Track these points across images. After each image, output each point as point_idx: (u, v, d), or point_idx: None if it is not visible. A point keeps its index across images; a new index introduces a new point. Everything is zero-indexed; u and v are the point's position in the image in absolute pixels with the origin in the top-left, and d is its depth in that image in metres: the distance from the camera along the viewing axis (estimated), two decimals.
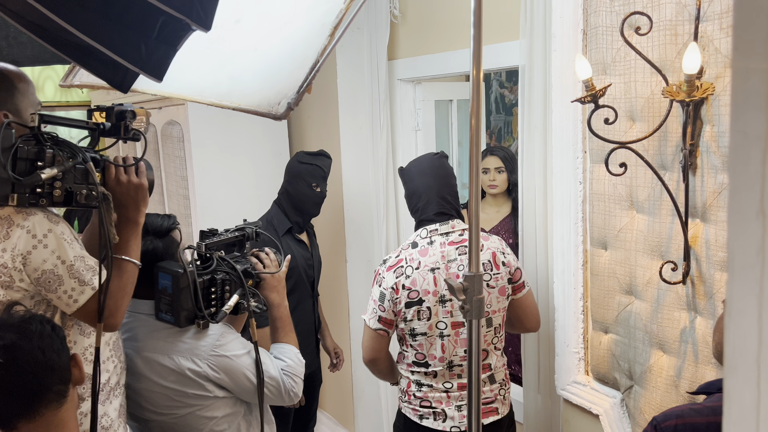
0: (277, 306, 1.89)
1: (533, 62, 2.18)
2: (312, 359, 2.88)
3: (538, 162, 2.24)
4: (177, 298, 1.63)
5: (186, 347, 1.71)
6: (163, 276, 1.65)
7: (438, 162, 2.17)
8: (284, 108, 1.37)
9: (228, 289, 1.74)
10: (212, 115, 3.35)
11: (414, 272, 2.04)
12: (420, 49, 2.87)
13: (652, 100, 1.75)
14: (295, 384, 1.82)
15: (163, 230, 1.77)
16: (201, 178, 3.37)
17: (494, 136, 4.46)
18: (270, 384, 1.76)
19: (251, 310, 1.75)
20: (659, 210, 1.78)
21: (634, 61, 1.78)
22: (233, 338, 1.77)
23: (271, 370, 1.77)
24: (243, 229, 1.89)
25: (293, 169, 2.81)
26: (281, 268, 1.93)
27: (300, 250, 2.78)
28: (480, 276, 1.37)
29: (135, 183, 1.62)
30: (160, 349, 1.72)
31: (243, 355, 1.74)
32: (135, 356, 1.74)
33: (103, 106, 1.62)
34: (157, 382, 1.72)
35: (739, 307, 0.44)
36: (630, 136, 1.79)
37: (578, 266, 2.10)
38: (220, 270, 1.74)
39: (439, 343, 2.05)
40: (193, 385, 1.70)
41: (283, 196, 2.82)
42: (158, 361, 1.71)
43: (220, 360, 1.71)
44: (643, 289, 1.87)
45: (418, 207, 2.14)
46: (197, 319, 1.68)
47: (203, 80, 1.62)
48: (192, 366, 1.70)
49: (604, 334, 2.04)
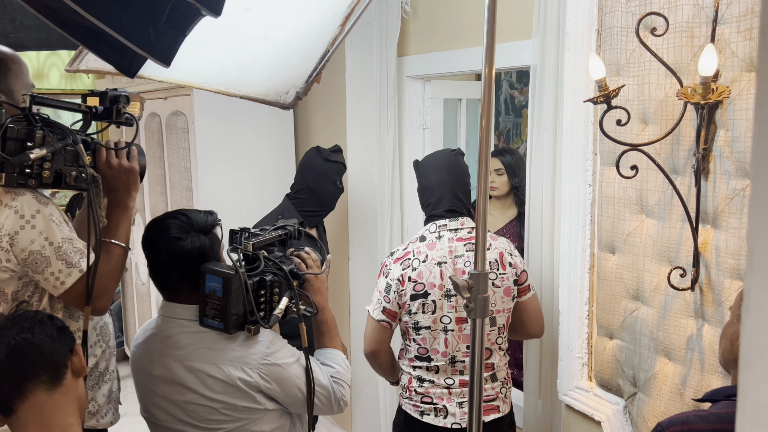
0: (322, 309, 1.79)
1: (545, 62, 2.18)
2: None
3: (546, 163, 2.23)
4: (227, 302, 1.52)
5: (236, 355, 1.59)
6: (211, 278, 1.53)
7: (454, 159, 2.18)
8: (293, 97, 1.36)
9: (277, 291, 1.63)
10: (218, 106, 3.35)
11: (421, 265, 2.05)
12: (430, 46, 2.86)
13: (666, 103, 1.74)
14: (344, 391, 1.72)
15: (208, 226, 1.65)
16: (204, 169, 3.38)
17: (503, 137, 4.45)
18: (320, 393, 1.66)
19: (301, 314, 1.63)
20: (669, 215, 1.78)
21: (648, 63, 1.77)
22: (283, 345, 1.66)
23: (321, 378, 1.67)
24: (284, 227, 1.79)
25: (319, 166, 2.79)
26: (323, 268, 1.84)
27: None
28: (485, 275, 1.37)
29: (126, 167, 1.63)
30: (207, 357, 1.60)
31: (293, 363, 1.64)
32: (177, 366, 1.61)
33: (97, 91, 1.64)
34: (203, 394, 1.59)
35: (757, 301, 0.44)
36: (642, 138, 1.78)
37: (585, 270, 2.09)
38: (268, 271, 1.62)
39: (442, 337, 2.05)
40: (243, 396, 1.59)
41: (304, 192, 2.78)
42: (205, 372, 1.59)
43: (272, 369, 1.61)
44: (651, 295, 1.86)
45: (430, 202, 2.16)
46: (247, 325, 1.57)
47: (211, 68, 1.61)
48: (243, 376, 1.58)
49: (609, 340, 2.03)
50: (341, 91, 3.27)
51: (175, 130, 3.53)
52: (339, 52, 3.19)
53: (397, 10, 2.91)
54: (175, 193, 3.65)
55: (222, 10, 1.27)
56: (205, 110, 3.34)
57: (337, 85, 3.30)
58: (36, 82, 1.83)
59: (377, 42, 3.00)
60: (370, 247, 3.24)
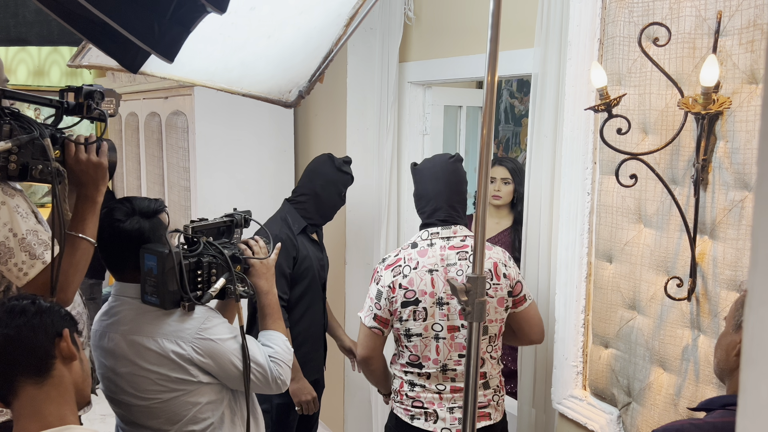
0: (265, 293, 1.89)
1: (547, 70, 2.19)
2: (320, 364, 2.85)
3: (546, 171, 2.23)
4: (162, 280, 1.63)
5: (170, 329, 1.71)
6: (148, 257, 1.65)
7: (452, 167, 2.16)
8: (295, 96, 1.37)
9: (215, 272, 1.74)
10: (218, 107, 3.36)
11: (411, 272, 2.04)
12: (432, 52, 2.87)
13: (666, 113, 1.75)
14: (282, 371, 1.81)
15: (150, 211, 1.77)
16: (203, 170, 3.38)
17: (502, 146, 4.47)
18: (257, 370, 1.75)
19: (238, 294, 1.75)
20: (667, 225, 1.78)
21: (650, 73, 1.78)
22: (219, 322, 1.77)
23: (257, 356, 1.76)
24: (231, 215, 1.91)
25: (330, 174, 2.76)
26: (270, 255, 1.93)
27: (315, 251, 2.75)
28: (483, 278, 1.37)
29: (94, 162, 1.64)
30: (144, 331, 1.72)
31: (229, 339, 1.74)
32: (120, 340, 1.74)
33: (74, 86, 1.65)
34: (141, 366, 1.71)
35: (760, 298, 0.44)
36: (642, 148, 1.79)
37: (581, 278, 2.09)
38: (207, 253, 1.74)
39: (434, 344, 2.05)
40: (177, 368, 1.70)
41: (307, 197, 2.75)
42: (143, 344, 1.71)
43: (205, 343, 1.71)
44: (647, 305, 1.86)
45: (425, 211, 2.15)
46: (182, 302, 1.69)
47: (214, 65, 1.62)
48: (176, 349, 1.70)
49: (604, 349, 2.03)
50: (342, 95, 3.27)
51: (175, 129, 3.53)
52: (341, 57, 3.20)
53: (400, 16, 2.92)
54: (174, 193, 3.65)
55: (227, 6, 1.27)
56: (206, 111, 3.35)
57: (338, 89, 3.31)
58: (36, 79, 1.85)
59: (379, 47, 3.01)
60: (367, 251, 3.23)
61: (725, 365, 1.36)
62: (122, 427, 1.85)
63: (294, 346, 2.30)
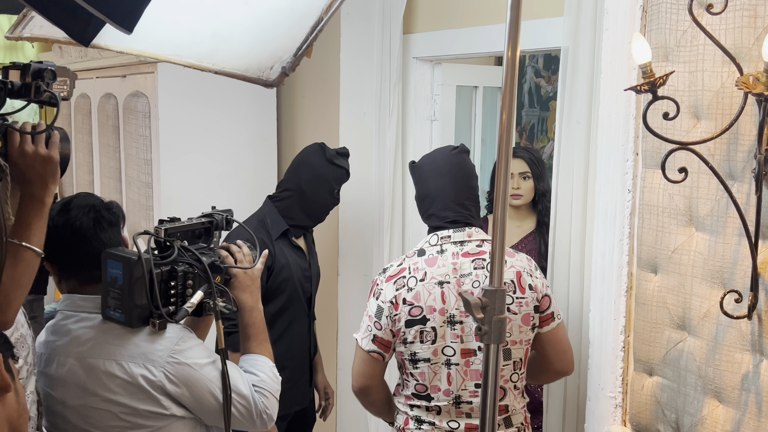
0: (249, 309, 1.88)
1: (579, 43, 2.19)
2: (304, 392, 2.86)
3: (578, 164, 2.24)
4: (129, 291, 1.62)
5: (138, 351, 1.69)
6: (112, 264, 1.63)
7: (457, 159, 2.17)
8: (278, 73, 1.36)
9: (191, 284, 1.73)
10: (186, 87, 3.36)
11: (418, 284, 2.04)
12: (443, 22, 2.88)
13: (723, 95, 1.75)
14: (269, 404, 1.80)
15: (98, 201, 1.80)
16: (168, 162, 3.38)
17: (525, 134, 4.47)
18: (239, 402, 1.74)
19: (218, 310, 1.73)
20: (724, 228, 1.78)
21: (702, 47, 1.78)
22: (195, 344, 1.76)
23: (240, 386, 1.75)
24: (211, 215, 1.89)
25: (319, 167, 2.76)
26: (256, 264, 1.93)
27: (296, 258, 2.76)
28: (503, 291, 1.37)
29: (43, 155, 1.62)
30: (106, 353, 1.70)
31: (207, 364, 1.73)
32: (74, 365, 1.72)
33: (19, 63, 1.63)
34: (102, 396, 1.69)
35: None
36: (693, 136, 1.79)
37: (621, 293, 2.09)
38: (182, 261, 1.73)
39: (444, 372, 2.04)
40: (146, 399, 1.69)
41: (291, 194, 2.76)
42: (104, 369, 1.69)
43: (180, 369, 1.70)
44: (699, 324, 1.86)
45: (431, 213, 2.15)
46: (152, 318, 1.67)
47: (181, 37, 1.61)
48: (145, 373, 1.68)
49: (648, 377, 2.03)
50: (334, 73, 3.27)
51: (135, 114, 3.53)
52: (333, 26, 3.19)
53: None
54: (132, 190, 3.65)
55: None
56: (171, 91, 3.35)
57: (329, 67, 3.31)
58: None
59: (379, 16, 3.01)
60: (365, 260, 3.23)
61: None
62: None
63: None
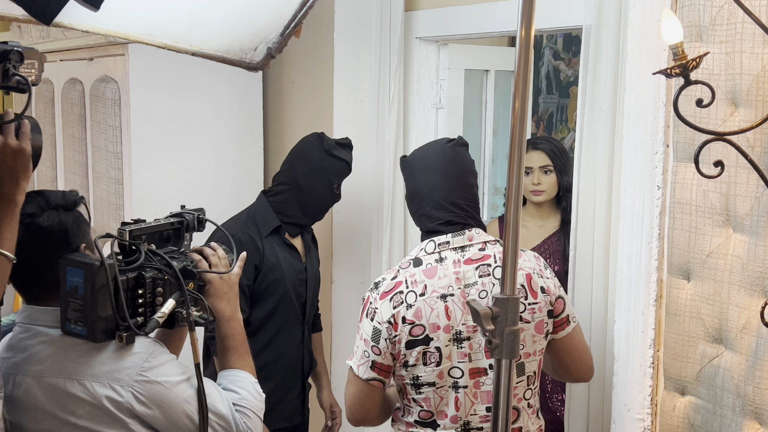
0: (227, 319, 1.89)
1: (602, 22, 2.20)
2: (294, 408, 2.88)
3: (601, 157, 2.24)
4: (91, 302, 1.62)
5: (103, 369, 1.69)
6: (71, 271, 1.63)
7: (451, 152, 2.16)
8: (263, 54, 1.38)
9: (161, 292, 1.74)
10: (161, 71, 3.36)
11: (418, 300, 2.03)
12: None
13: (764, 79, 1.76)
14: (251, 424, 1.81)
15: (68, 203, 1.78)
16: (141, 156, 3.38)
17: (543, 123, 4.48)
18: (216, 423, 1.74)
19: (192, 320, 1.74)
20: (765, 229, 1.79)
21: (741, 25, 1.79)
22: (167, 359, 1.76)
23: (218, 405, 1.75)
24: (180, 215, 1.90)
25: (317, 160, 2.80)
26: (233, 268, 1.94)
27: (290, 259, 2.79)
28: (516, 300, 1.38)
29: (13, 147, 1.62)
30: (67, 372, 1.70)
31: (180, 382, 1.73)
32: (32, 385, 1.72)
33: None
34: (62, 419, 1.69)
35: None
36: (730, 125, 1.80)
37: (650, 302, 2.10)
38: (150, 266, 1.73)
39: (452, 396, 2.05)
40: (111, 422, 1.69)
41: (287, 189, 2.81)
42: (65, 390, 1.69)
43: (150, 387, 1.69)
44: (738, 337, 1.86)
45: (420, 214, 2.15)
46: (118, 331, 1.67)
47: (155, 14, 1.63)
48: (111, 394, 1.68)
49: (681, 396, 2.04)
50: (328, 55, 3.28)
51: (103, 102, 3.54)
52: (326, 1, 3.20)
53: None
54: (100, 187, 3.66)
55: None
56: (144, 76, 3.35)
57: (322, 47, 3.32)
58: None
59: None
60: (362, 265, 3.24)
61: None
62: None
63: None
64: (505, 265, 1.38)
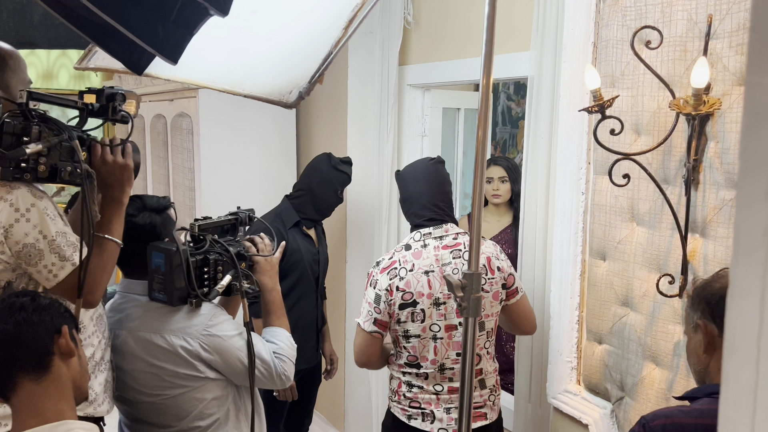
0: (269, 290, 1.88)
1: (542, 72, 2.19)
2: (312, 355, 2.86)
3: (541, 171, 2.23)
4: (170, 277, 1.63)
5: (178, 326, 1.70)
6: (156, 255, 1.64)
7: (432, 168, 2.16)
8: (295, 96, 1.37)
9: (221, 270, 1.74)
10: (222, 109, 3.36)
11: (408, 274, 2.03)
12: (431, 55, 2.88)
13: (659, 114, 1.75)
14: (286, 367, 1.81)
15: (160, 207, 1.79)
16: (207, 170, 3.38)
17: (499, 147, 4.47)
18: (261, 366, 1.75)
19: (243, 290, 1.74)
20: (659, 223, 1.78)
21: (642, 75, 1.78)
22: (225, 319, 1.76)
23: (262, 353, 1.76)
24: (236, 213, 1.90)
25: (325, 172, 2.80)
26: (275, 253, 1.93)
27: (306, 245, 2.78)
28: (479, 275, 1.37)
29: (120, 163, 1.63)
30: (152, 328, 1.71)
31: (234, 336, 1.74)
32: (128, 336, 1.73)
33: (94, 88, 1.63)
34: (149, 362, 1.71)
35: (742, 288, 0.44)
36: (635, 148, 1.79)
37: (576, 276, 2.10)
38: (213, 251, 1.73)
39: (432, 345, 2.04)
40: (184, 364, 1.70)
41: (303, 194, 2.80)
42: (151, 341, 1.70)
43: (212, 339, 1.71)
44: (639, 301, 1.86)
45: (410, 212, 2.15)
46: (190, 298, 1.68)
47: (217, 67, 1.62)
48: (184, 344, 1.69)
49: (598, 345, 2.03)
50: (343, 97, 3.27)
51: (180, 131, 3.53)
52: (342, 60, 3.20)
53: (400, 21, 2.92)
54: (178, 193, 3.65)
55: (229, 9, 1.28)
56: (210, 112, 3.35)
57: (339, 92, 3.31)
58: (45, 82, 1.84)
59: (379, 50, 3.01)
60: (367, 250, 3.23)
61: (701, 366, 1.36)
62: (126, 424, 1.83)
63: None
64: (471, 250, 1.38)
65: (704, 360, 1.33)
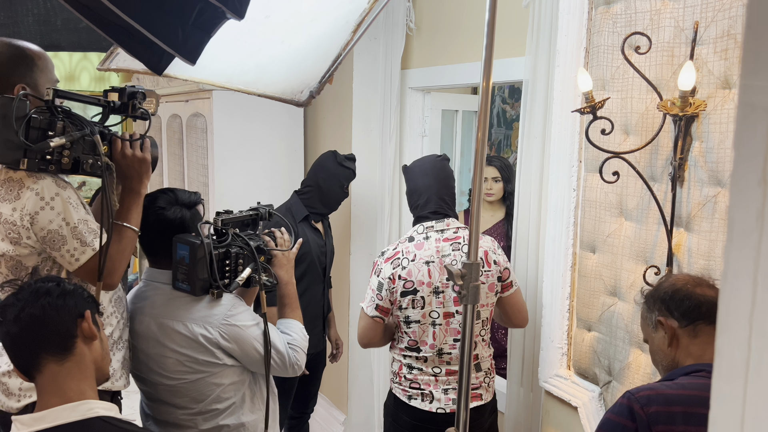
0: (285, 283, 1.87)
1: (537, 76, 2.18)
2: (318, 340, 2.86)
3: (535, 170, 2.23)
4: (193, 268, 1.62)
5: (200, 315, 1.69)
6: (181, 247, 1.64)
7: (440, 164, 2.16)
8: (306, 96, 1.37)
9: (241, 262, 1.72)
10: (235, 109, 3.35)
11: (410, 264, 2.03)
12: (431, 60, 2.87)
13: (647, 116, 1.75)
14: (299, 357, 1.80)
15: (190, 202, 1.78)
16: (220, 167, 3.37)
17: (494, 147, 4.46)
18: (276, 355, 1.75)
19: (262, 283, 1.73)
20: (646, 218, 1.78)
21: (632, 79, 1.78)
22: (244, 310, 1.75)
23: (277, 343, 1.75)
24: (257, 209, 1.88)
25: (331, 169, 2.78)
26: (292, 248, 1.91)
27: (314, 237, 2.77)
28: (477, 264, 1.37)
29: (139, 157, 1.64)
30: (175, 316, 1.70)
31: (252, 326, 1.73)
32: (151, 322, 1.73)
33: (117, 87, 1.64)
34: (170, 348, 1.70)
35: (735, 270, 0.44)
36: (624, 147, 1.79)
37: (567, 268, 2.10)
38: (235, 245, 1.72)
39: (431, 330, 2.04)
40: (204, 351, 1.69)
41: (311, 189, 2.79)
42: (173, 328, 1.69)
43: (231, 329, 1.70)
44: (627, 292, 1.86)
45: (418, 204, 2.14)
46: (212, 289, 1.67)
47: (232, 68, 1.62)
48: (204, 333, 1.68)
49: (587, 332, 2.04)
50: (348, 99, 3.27)
51: (195, 130, 3.53)
52: (347, 64, 3.19)
53: (402, 27, 2.92)
54: (192, 188, 3.65)
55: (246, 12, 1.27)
56: (223, 112, 3.34)
57: (344, 94, 3.31)
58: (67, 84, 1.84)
59: (383, 55, 3.00)
60: (370, 243, 3.23)
61: (667, 360, 1.37)
62: (147, 404, 1.83)
63: None
64: (470, 242, 1.38)
65: (670, 353, 1.35)
